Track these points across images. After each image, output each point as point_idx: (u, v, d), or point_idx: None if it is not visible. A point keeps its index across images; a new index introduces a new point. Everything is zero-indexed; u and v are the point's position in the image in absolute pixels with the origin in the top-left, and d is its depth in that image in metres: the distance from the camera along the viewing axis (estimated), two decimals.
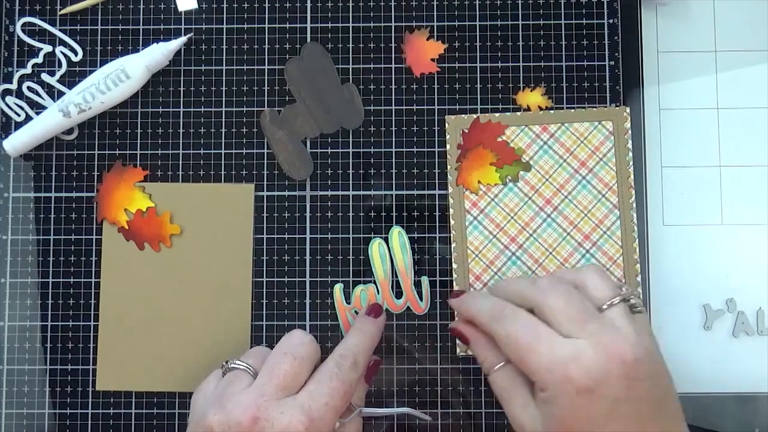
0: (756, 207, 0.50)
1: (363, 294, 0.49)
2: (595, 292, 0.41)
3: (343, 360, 0.44)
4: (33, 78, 0.51)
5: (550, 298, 0.40)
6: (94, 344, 0.49)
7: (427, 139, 0.50)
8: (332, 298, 0.49)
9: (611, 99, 0.50)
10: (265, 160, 0.50)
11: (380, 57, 0.51)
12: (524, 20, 0.51)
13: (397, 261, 0.50)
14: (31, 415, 0.49)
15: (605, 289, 0.41)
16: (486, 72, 0.51)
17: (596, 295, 0.41)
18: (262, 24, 0.51)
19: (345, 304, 0.49)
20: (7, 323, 0.50)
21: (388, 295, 0.49)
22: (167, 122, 0.51)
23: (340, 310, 0.49)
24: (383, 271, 0.49)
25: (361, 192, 0.50)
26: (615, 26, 0.51)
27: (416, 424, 0.49)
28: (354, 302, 0.49)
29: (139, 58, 0.49)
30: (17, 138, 0.49)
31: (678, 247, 0.50)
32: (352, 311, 0.49)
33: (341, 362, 0.43)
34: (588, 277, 0.42)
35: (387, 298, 0.49)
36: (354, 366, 0.44)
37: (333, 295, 0.49)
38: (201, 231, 0.50)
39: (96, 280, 0.50)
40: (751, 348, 0.49)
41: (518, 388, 0.41)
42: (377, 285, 0.49)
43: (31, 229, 0.50)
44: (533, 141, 0.50)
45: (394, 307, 0.49)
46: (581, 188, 0.49)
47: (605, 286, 0.41)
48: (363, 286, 0.49)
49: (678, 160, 0.51)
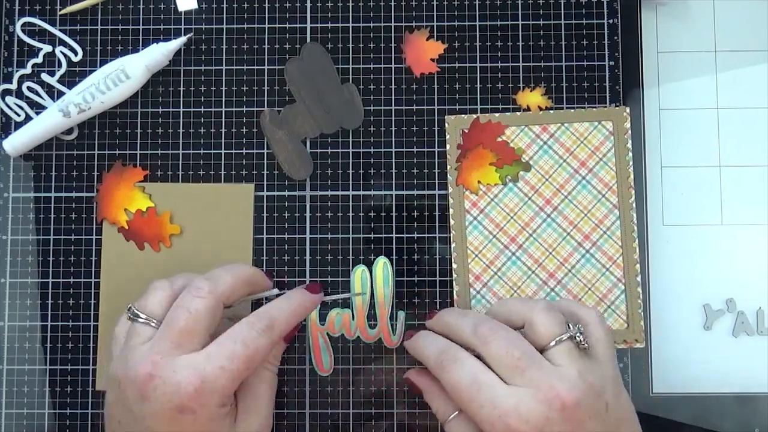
0: (756, 207, 0.50)
1: (338, 318, 0.49)
2: (540, 328, 0.41)
3: (256, 322, 0.42)
4: (33, 78, 0.51)
5: (490, 347, 0.41)
6: (94, 344, 0.49)
7: (427, 139, 0.50)
8: (306, 319, 0.49)
9: (611, 99, 0.50)
10: (265, 160, 0.50)
11: (380, 57, 0.51)
12: (524, 20, 0.51)
13: (378, 292, 0.49)
14: (31, 415, 0.49)
15: (551, 326, 0.41)
16: (486, 72, 0.51)
17: (542, 332, 0.41)
18: (262, 24, 0.51)
19: (318, 324, 0.49)
20: (7, 323, 0.50)
21: (362, 324, 0.49)
22: (167, 122, 0.51)
23: (312, 328, 0.49)
24: (362, 299, 0.49)
25: (361, 192, 0.50)
26: (615, 26, 0.51)
27: (416, 424, 0.49)
28: (327, 325, 0.49)
29: (139, 58, 0.49)
30: (17, 138, 0.49)
31: (678, 247, 0.50)
32: (324, 333, 0.49)
33: (253, 324, 0.42)
34: (535, 314, 0.42)
35: (361, 326, 0.49)
36: (267, 330, 0.42)
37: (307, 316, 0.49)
38: (201, 231, 0.50)
39: (96, 280, 0.50)
40: (751, 348, 0.49)
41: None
42: (353, 311, 0.49)
43: (31, 229, 0.50)
44: (533, 141, 0.50)
45: (366, 337, 0.49)
46: (581, 188, 0.50)
47: (551, 323, 0.41)
48: (339, 310, 0.49)
49: (678, 160, 0.51)
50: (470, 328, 0.42)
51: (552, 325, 0.41)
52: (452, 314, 0.45)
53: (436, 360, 0.42)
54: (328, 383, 0.49)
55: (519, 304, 0.43)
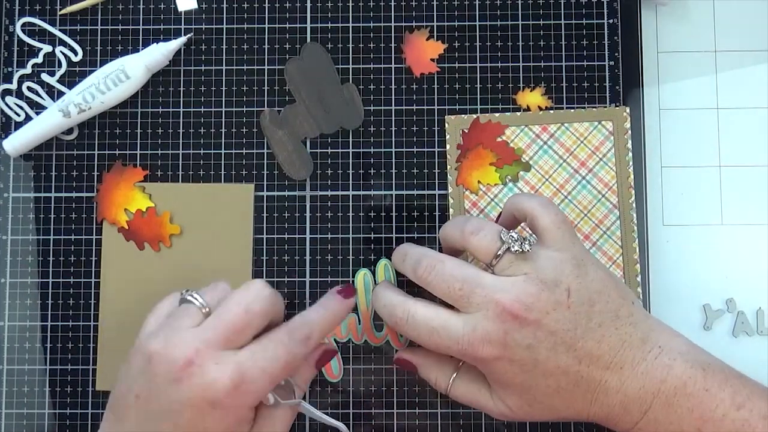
0: (756, 207, 0.50)
1: (344, 323, 0.49)
2: (477, 253, 0.42)
3: (295, 331, 0.41)
4: (33, 78, 0.51)
5: (432, 287, 0.42)
6: (94, 344, 0.49)
7: (427, 139, 0.50)
8: None
9: (611, 99, 0.50)
10: (265, 160, 0.50)
11: (380, 57, 0.51)
12: (524, 20, 0.51)
13: None
14: (31, 415, 0.49)
15: (485, 247, 0.42)
16: (486, 72, 0.51)
17: (479, 255, 0.42)
18: (262, 24, 0.51)
19: None
20: (7, 323, 0.50)
21: (368, 327, 0.49)
22: (167, 122, 0.51)
23: None
24: (366, 302, 0.49)
25: (361, 192, 0.50)
26: (615, 26, 0.51)
27: (416, 424, 0.49)
28: (334, 330, 0.49)
29: (139, 58, 0.49)
30: (17, 138, 0.49)
31: (678, 247, 0.50)
32: (331, 339, 0.49)
33: (293, 333, 0.41)
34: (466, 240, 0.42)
35: (367, 330, 0.49)
36: (305, 340, 0.41)
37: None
38: (201, 231, 0.50)
39: (96, 280, 0.50)
40: (751, 348, 0.49)
41: (477, 386, 0.43)
42: (359, 315, 0.49)
43: (31, 229, 0.50)
44: (533, 141, 0.50)
45: (374, 340, 0.49)
46: (581, 188, 0.50)
47: (484, 243, 0.42)
48: None
49: (678, 160, 0.51)
50: (411, 272, 0.43)
51: (486, 246, 0.42)
52: (397, 256, 0.46)
53: (391, 321, 0.43)
54: (338, 385, 0.49)
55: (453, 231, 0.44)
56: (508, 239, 0.41)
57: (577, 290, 0.40)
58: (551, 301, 0.40)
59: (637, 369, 0.40)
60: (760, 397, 0.40)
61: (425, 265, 0.42)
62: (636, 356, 0.40)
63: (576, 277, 0.40)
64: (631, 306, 0.41)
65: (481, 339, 0.40)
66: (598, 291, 0.41)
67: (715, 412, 0.39)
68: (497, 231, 0.42)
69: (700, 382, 0.40)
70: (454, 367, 0.45)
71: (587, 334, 0.40)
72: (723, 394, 0.39)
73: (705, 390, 0.39)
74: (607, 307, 0.41)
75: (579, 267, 0.41)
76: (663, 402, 0.39)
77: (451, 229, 0.44)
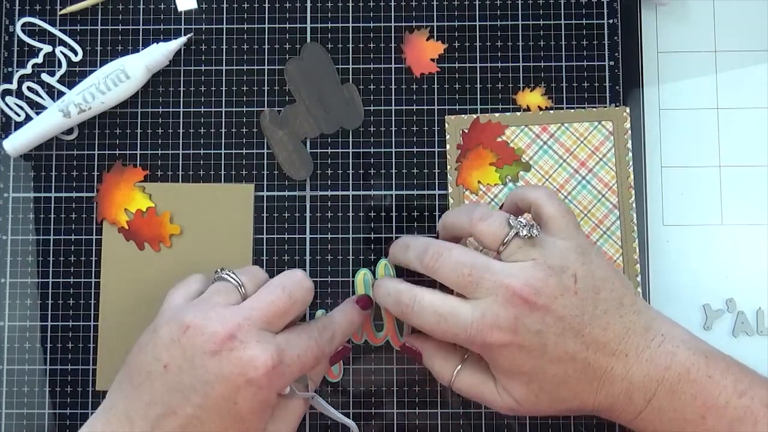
0: (756, 207, 0.50)
1: None
2: (484, 239, 0.42)
3: (324, 329, 0.44)
4: (33, 78, 0.51)
5: (440, 274, 0.42)
6: (94, 344, 0.49)
7: (427, 139, 0.50)
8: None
9: (611, 99, 0.50)
10: (265, 160, 0.50)
11: (380, 57, 0.51)
12: (524, 20, 0.51)
13: None
14: (31, 415, 0.49)
15: (493, 233, 0.41)
16: (486, 72, 0.51)
17: (487, 242, 0.42)
18: (262, 24, 0.51)
19: None
20: (7, 323, 0.50)
21: (369, 327, 0.49)
22: (167, 122, 0.51)
23: None
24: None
25: (361, 192, 0.50)
26: (615, 26, 0.51)
27: (416, 424, 0.49)
28: None
29: (139, 58, 0.49)
30: (17, 138, 0.49)
31: (678, 247, 0.50)
32: None
33: (323, 330, 0.43)
34: (474, 227, 0.42)
35: (368, 329, 0.49)
36: (331, 339, 0.44)
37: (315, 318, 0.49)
38: (201, 231, 0.50)
39: (96, 280, 0.50)
40: (751, 348, 0.49)
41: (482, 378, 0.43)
42: None
43: (31, 229, 0.50)
44: (533, 141, 0.50)
45: (374, 340, 0.49)
46: (581, 188, 0.50)
47: (492, 230, 0.41)
48: None
49: (678, 160, 0.51)
50: (416, 261, 0.43)
51: (493, 232, 0.41)
52: (398, 248, 0.46)
53: (397, 310, 0.43)
54: (338, 385, 0.49)
55: (460, 218, 0.43)
56: (517, 224, 0.41)
57: (583, 277, 0.40)
58: (559, 286, 0.40)
59: (641, 356, 0.40)
60: (760, 385, 0.40)
61: (432, 252, 0.42)
62: (640, 343, 0.40)
63: (582, 264, 0.41)
64: (633, 295, 0.42)
65: (491, 325, 0.40)
66: (602, 279, 0.41)
67: (719, 399, 0.39)
68: (505, 217, 0.42)
69: (703, 369, 0.40)
70: (459, 359, 0.44)
71: (594, 320, 0.40)
72: (725, 381, 0.39)
73: (708, 377, 0.39)
74: (612, 295, 0.41)
75: (584, 255, 0.41)
76: (667, 389, 0.40)
77: (456, 216, 0.44)
